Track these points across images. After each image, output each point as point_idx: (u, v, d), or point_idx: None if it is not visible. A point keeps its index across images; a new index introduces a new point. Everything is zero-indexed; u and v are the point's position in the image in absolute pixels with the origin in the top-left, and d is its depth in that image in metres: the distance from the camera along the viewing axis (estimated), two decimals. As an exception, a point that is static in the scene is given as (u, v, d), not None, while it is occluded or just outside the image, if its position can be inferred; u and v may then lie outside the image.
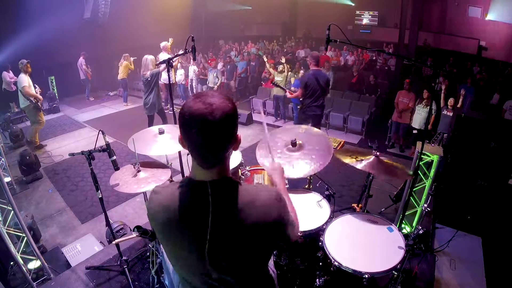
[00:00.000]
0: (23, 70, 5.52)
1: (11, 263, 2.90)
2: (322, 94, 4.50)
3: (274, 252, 2.15)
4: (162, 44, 6.47)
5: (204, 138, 0.89)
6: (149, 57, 5.23)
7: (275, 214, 0.99)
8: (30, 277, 2.68)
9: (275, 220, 0.99)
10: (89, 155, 2.24)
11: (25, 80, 5.50)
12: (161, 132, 2.53)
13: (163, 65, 5.25)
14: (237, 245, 0.97)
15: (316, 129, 2.38)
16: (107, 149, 2.25)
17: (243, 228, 0.95)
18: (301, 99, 4.74)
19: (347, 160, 2.25)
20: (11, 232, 2.82)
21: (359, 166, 2.16)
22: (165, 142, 2.49)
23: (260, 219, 0.96)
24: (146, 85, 5.25)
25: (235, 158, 2.59)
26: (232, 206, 0.96)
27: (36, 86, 6.04)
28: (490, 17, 9.37)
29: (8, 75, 7.74)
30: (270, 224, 0.98)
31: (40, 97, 5.86)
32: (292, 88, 6.71)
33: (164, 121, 5.54)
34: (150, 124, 5.71)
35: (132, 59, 8.73)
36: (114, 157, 2.29)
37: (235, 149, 1.00)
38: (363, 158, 2.24)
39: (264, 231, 0.98)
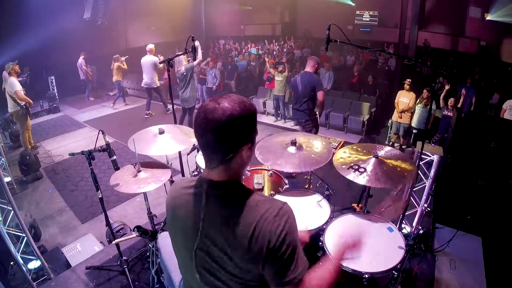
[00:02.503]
0: (12, 72, 5.23)
1: (11, 263, 2.90)
2: (303, 97, 4.07)
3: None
4: (149, 46, 6.59)
5: (203, 136, 0.88)
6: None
7: (268, 235, 0.83)
8: (30, 277, 2.69)
9: (266, 242, 0.83)
10: (89, 155, 2.23)
11: (16, 83, 5.23)
12: (161, 132, 2.53)
13: (197, 60, 5.62)
14: (220, 252, 0.91)
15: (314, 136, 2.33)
16: (107, 149, 2.25)
17: (229, 237, 0.88)
18: None
19: (346, 172, 2.14)
20: (11, 232, 2.81)
21: (361, 181, 2.05)
22: (165, 142, 2.49)
23: (246, 233, 0.84)
24: (182, 80, 5.55)
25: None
26: (222, 211, 0.91)
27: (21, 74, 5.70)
28: (490, 17, 9.37)
29: None
30: (258, 244, 0.83)
31: (31, 101, 5.58)
32: None
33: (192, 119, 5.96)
34: (183, 117, 5.98)
35: (123, 58, 8.61)
36: (114, 157, 2.28)
37: (244, 160, 0.93)
38: (363, 157, 2.23)
39: (248, 250, 0.85)
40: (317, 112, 4.28)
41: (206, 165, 0.96)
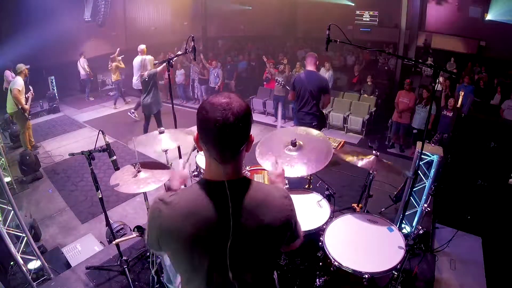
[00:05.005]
0: (22, 74, 5.38)
1: (11, 263, 2.90)
2: (313, 99, 3.77)
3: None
4: (140, 47, 6.38)
5: (226, 132, 0.91)
6: (147, 57, 5.15)
7: (285, 213, 1.04)
8: (30, 277, 2.68)
9: (286, 219, 1.03)
10: (89, 155, 2.23)
11: (20, 83, 5.30)
12: (161, 133, 2.53)
13: (161, 66, 5.24)
14: (255, 245, 0.99)
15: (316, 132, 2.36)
16: (107, 149, 2.25)
17: (259, 227, 0.98)
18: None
19: (348, 158, 2.24)
20: (11, 232, 2.81)
21: (360, 164, 2.17)
22: (165, 142, 2.49)
23: (274, 218, 1.00)
24: (144, 85, 5.28)
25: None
26: (249, 205, 0.98)
27: (30, 88, 5.71)
28: (490, 17, 9.37)
29: (11, 75, 7.72)
30: (282, 222, 1.02)
31: (27, 107, 5.49)
32: None
33: (159, 125, 5.28)
34: (146, 124, 5.69)
35: (119, 58, 8.54)
36: (114, 157, 2.29)
37: (248, 149, 1.02)
38: (363, 157, 2.24)
39: (277, 229, 1.01)
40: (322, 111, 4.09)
41: (219, 162, 0.96)
